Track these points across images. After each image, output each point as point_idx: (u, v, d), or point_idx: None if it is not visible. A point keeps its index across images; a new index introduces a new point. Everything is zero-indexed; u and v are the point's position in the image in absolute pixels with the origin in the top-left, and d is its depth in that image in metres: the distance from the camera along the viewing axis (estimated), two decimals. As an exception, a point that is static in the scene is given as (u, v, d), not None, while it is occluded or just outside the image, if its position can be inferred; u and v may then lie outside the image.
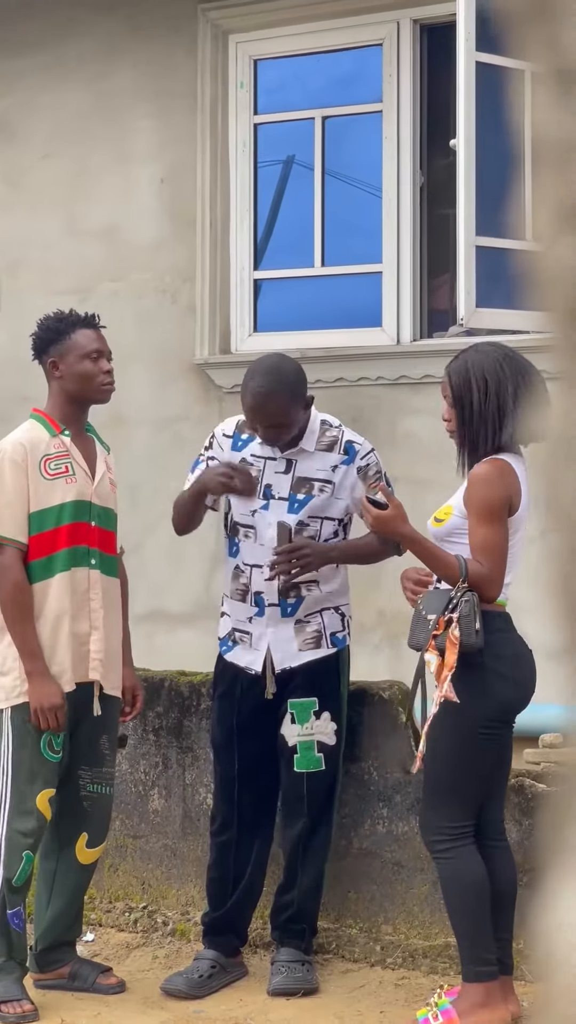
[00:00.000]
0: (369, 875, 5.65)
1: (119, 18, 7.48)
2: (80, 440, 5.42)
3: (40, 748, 5.23)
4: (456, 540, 4.87)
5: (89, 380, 5.39)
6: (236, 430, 5.57)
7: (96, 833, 5.45)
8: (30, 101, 7.69)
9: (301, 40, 7.28)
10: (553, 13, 0.66)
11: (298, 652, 5.41)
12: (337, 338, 6.88)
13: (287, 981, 5.37)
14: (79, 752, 5.37)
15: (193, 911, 5.88)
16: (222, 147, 7.38)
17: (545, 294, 0.69)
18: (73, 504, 5.32)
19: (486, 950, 4.87)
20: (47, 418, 5.40)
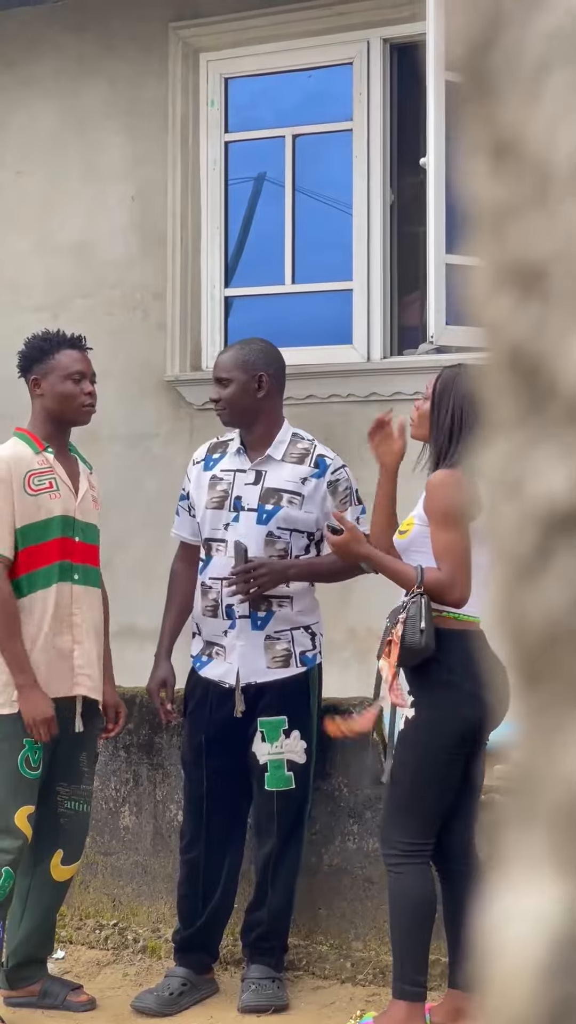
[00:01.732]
0: (340, 891, 5.65)
1: (90, 37, 7.48)
2: (63, 458, 5.45)
3: (18, 765, 5.22)
4: (420, 550, 4.90)
5: (69, 401, 5.41)
6: (208, 452, 5.65)
7: (71, 850, 5.44)
8: (2, 119, 7.68)
9: (272, 59, 7.29)
10: (489, 90, 0.69)
11: (266, 669, 5.43)
12: (307, 355, 6.88)
13: (258, 998, 5.37)
14: (58, 769, 5.36)
15: (164, 928, 5.87)
16: (193, 165, 7.38)
17: (483, 349, 0.71)
18: (58, 519, 5.33)
19: (417, 970, 4.89)
20: (30, 436, 5.42)
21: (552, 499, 0.68)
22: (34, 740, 5.21)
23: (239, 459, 5.54)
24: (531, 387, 0.70)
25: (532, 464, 0.69)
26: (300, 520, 5.45)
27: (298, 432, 5.61)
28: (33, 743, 5.23)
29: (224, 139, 7.41)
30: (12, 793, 5.22)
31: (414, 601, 4.81)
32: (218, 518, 5.49)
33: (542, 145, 0.70)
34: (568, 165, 0.69)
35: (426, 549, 4.89)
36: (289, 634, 5.45)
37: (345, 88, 7.16)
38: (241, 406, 5.49)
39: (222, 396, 5.49)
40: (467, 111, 0.72)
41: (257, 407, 5.50)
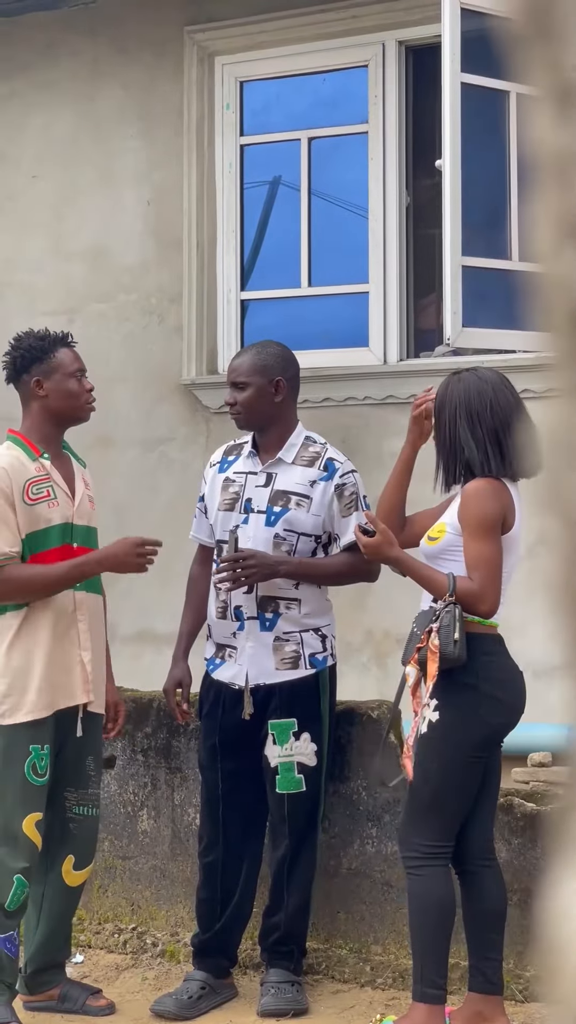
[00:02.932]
0: (359, 895, 5.64)
1: (106, 41, 7.50)
2: (58, 461, 5.41)
3: (25, 772, 5.21)
4: (450, 558, 4.89)
5: (75, 398, 5.39)
6: (224, 454, 5.65)
7: (82, 855, 5.44)
8: (18, 123, 7.71)
9: (287, 62, 7.31)
10: (554, 33, 0.67)
11: (274, 671, 5.42)
12: (324, 358, 6.89)
13: (277, 1002, 5.36)
14: (64, 774, 5.35)
15: (183, 932, 5.87)
16: (208, 168, 7.40)
17: (546, 310, 0.68)
18: (56, 528, 5.31)
19: (437, 973, 4.88)
20: (26, 441, 5.36)
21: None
22: (40, 746, 5.21)
23: (251, 462, 5.54)
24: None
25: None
26: (306, 523, 5.45)
27: (311, 435, 5.61)
28: (39, 749, 5.22)
29: (239, 142, 7.43)
30: (20, 801, 5.22)
31: (448, 611, 4.79)
32: (229, 520, 5.49)
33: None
34: None
35: (456, 557, 4.88)
36: (298, 636, 5.44)
37: (360, 91, 7.17)
38: (257, 410, 5.49)
39: (238, 400, 5.49)
40: (531, 57, 0.69)
41: (273, 411, 5.51)
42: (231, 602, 5.44)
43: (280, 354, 5.55)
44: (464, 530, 4.85)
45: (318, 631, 5.48)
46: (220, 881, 5.52)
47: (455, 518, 4.90)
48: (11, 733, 5.22)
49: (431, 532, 5.00)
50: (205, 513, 5.63)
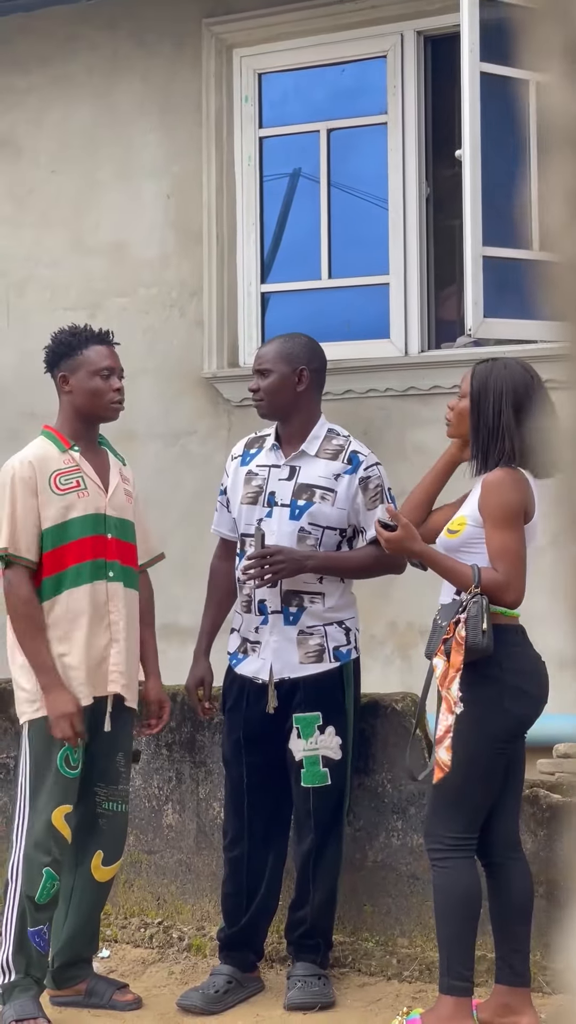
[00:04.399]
0: (385, 888, 5.65)
1: (124, 34, 7.52)
2: (91, 454, 5.42)
3: (58, 764, 5.23)
4: (472, 550, 4.88)
5: (98, 397, 5.38)
6: (245, 447, 5.66)
7: (112, 851, 5.45)
8: (36, 117, 7.73)
9: (305, 53, 7.32)
10: None
11: (299, 664, 5.42)
12: (345, 350, 6.89)
13: (303, 995, 5.37)
14: (95, 768, 5.37)
15: (208, 926, 5.89)
16: (228, 161, 7.41)
17: (556, 289, 0.65)
18: (86, 518, 5.32)
19: (463, 965, 4.88)
20: (57, 434, 5.40)
21: None
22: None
23: (274, 454, 5.55)
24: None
25: None
26: (331, 516, 5.45)
27: (334, 428, 5.61)
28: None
29: (258, 135, 7.44)
30: (51, 793, 5.24)
31: (475, 602, 4.79)
32: (252, 513, 5.49)
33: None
34: None
35: (478, 549, 4.88)
36: (322, 629, 5.45)
37: (379, 81, 7.18)
38: (280, 398, 5.49)
39: (261, 387, 5.50)
40: (539, 14, 0.66)
41: (295, 401, 5.51)
42: (255, 596, 5.45)
43: (307, 345, 5.57)
44: (486, 521, 4.85)
45: (342, 624, 5.49)
46: (245, 875, 5.53)
47: (475, 510, 4.89)
48: (45, 725, 5.24)
49: (451, 525, 5.00)
50: (227, 507, 5.64)
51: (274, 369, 5.48)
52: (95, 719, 5.33)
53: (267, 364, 5.50)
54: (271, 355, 5.52)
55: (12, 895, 5.26)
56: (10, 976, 5.25)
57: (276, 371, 5.47)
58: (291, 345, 5.55)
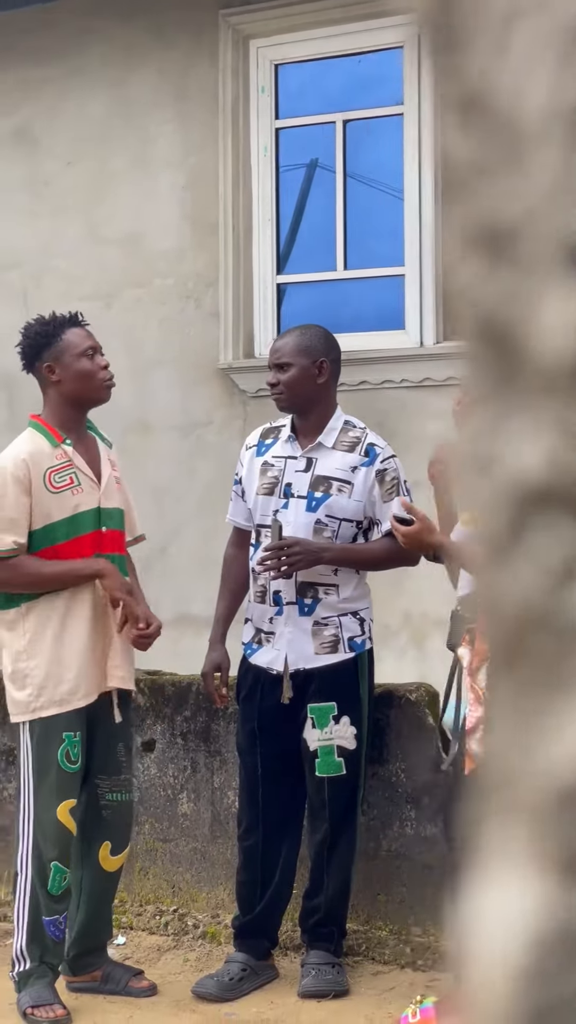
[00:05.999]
0: (398, 877, 5.69)
1: (140, 25, 7.54)
2: (82, 445, 5.38)
3: (59, 760, 5.27)
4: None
5: (89, 378, 5.34)
6: (260, 437, 5.68)
7: (118, 841, 5.49)
8: (52, 109, 7.76)
9: (322, 44, 7.33)
10: (456, 41, 0.68)
11: (314, 655, 5.46)
12: (360, 341, 6.93)
13: (317, 983, 5.41)
14: (96, 762, 5.40)
15: (223, 914, 5.93)
16: (244, 152, 7.44)
17: (456, 319, 0.70)
18: (81, 515, 5.31)
19: None
20: (47, 427, 5.33)
21: (525, 475, 0.66)
22: (72, 733, 5.26)
23: (290, 446, 5.57)
24: (503, 357, 0.67)
25: (505, 438, 0.67)
26: (348, 508, 5.48)
27: (350, 419, 5.64)
28: (72, 736, 5.28)
29: (275, 126, 7.47)
30: (54, 789, 5.27)
31: None
32: (268, 504, 5.52)
33: (511, 99, 0.68)
34: (537, 120, 0.67)
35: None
36: (337, 620, 5.48)
37: (395, 72, 7.19)
38: (300, 392, 5.52)
39: (281, 380, 5.51)
40: (435, 63, 0.71)
41: (315, 393, 5.54)
42: (270, 587, 5.49)
43: (323, 336, 5.59)
44: None
45: (356, 615, 5.52)
46: (260, 864, 5.57)
47: None
48: (45, 722, 5.28)
49: (465, 517, 5.04)
50: (242, 496, 5.67)
51: (294, 362, 5.50)
52: (93, 713, 5.36)
53: (286, 358, 5.51)
54: (290, 348, 5.53)
55: (23, 887, 5.30)
56: (25, 964, 5.31)
57: (296, 364, 5.49)
58: (308, 337, 5.57)
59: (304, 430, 5.58)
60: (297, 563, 5.37)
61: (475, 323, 0.69)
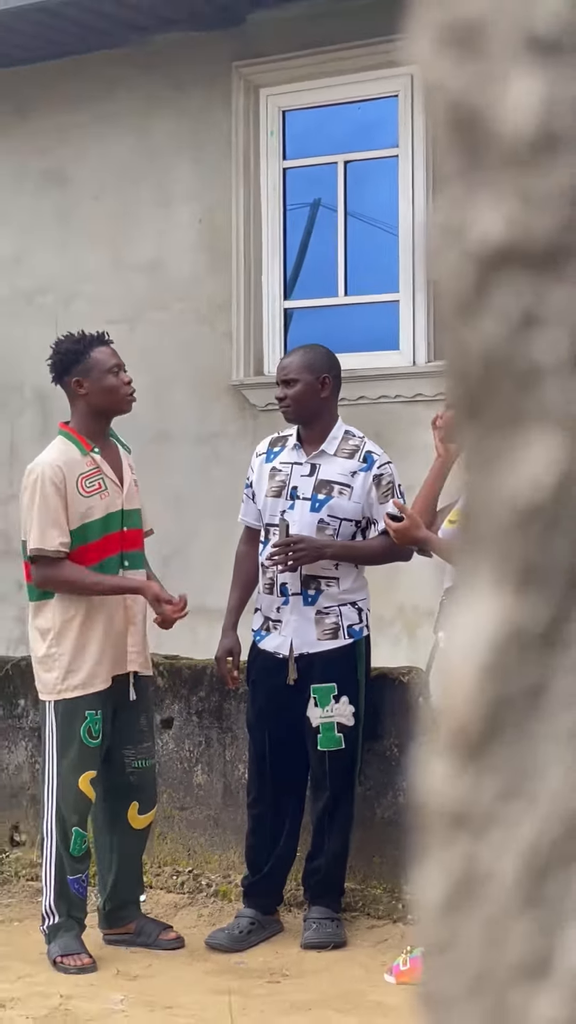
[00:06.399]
0: (392, 841, 5.73)
1: (160, 75, 7.57)
2: (106, 452, 5.46)
3: (82, 735, 5.34)
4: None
5: (114, 392, 5.41)
6: (269, 446, 5.75)
7: (145, 801, 5.56)
8: (82, 151, 7.79)
9: (325, 92, 7.34)
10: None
11: (316, 641, 5.51)
12: (359, 360, 6.96)
13: (318, 936, 5.47)
14: (121, 735, 5.46)
15: (234, 874, 5.97)
16: (254, 189, 7.45)
17: (431, 111, 0.75)
18: (107, 517, 5.39)
19: None
20: (76, 436, 5.40)
21: (488, 239, 0.68)
22: (94, 712, 5.33)
23: (296, 453, 5.64)
24: (470, 140, 0.70)
25: (471, 211, 0.69)
26: (348, 509, 5.55)
27: (350, 429, 5.71)
28: (94, 714, 5.35)
29: (282, 166, 7.47)
30: (76, 761, 5.33)
31: None
32: (276, 505, 5.59)
33: None
34: None
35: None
36: (337, 609, 5.54)
37: (391, 118, 7.19)
38: (306, 405, 5.58)
39: (288, 395, 5.57)
40: None
41: (319, 406, 5.60)
42: (277, 579, 5.56)
43: (325, 354, 5.64)
44: None
45: (355, 605, 5.58)
46: (267, 829, 5.63)
47: None
48: (69, 702, 5.35)
49: (451, 517, 5.10)
50: (252, 499, 5.74)
51: (300, 378, 5.55)
52: (117, 692, 5.43)
53: (293, 374, 5.57)
54: (296, 366, 5.59)
55: (49, 851, 5.37)
56: (54, 919, 5.38)
57: (302, 380, 5.55)
58: (313, 356, 5.62)
59: (309, 439, 5.64)
60: (302, 558, 5.44)
61: (446, 112, 0.72)
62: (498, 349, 0.67)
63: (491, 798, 0.66)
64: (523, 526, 0.66)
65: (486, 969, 0.64)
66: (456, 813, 0.67)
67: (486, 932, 0.65)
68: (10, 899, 6.23)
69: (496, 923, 0.64)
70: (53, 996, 5.00)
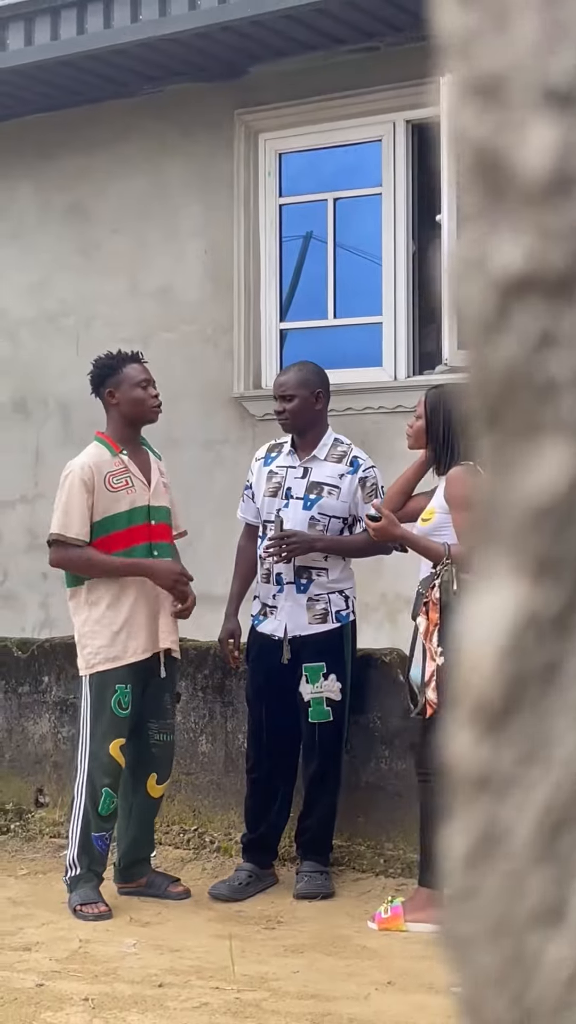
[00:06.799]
0: (375, 804, 5.74)
1: (170, 122, 7.57)
2: (136, 456, 5.50)
3: (112, 706, 5.35)
4: (442, 533, 4.98)
5: (141, 404, 5.47)
6: (267, 451, 5.75)
7: (163, 772, 5.57)
8: (101, 189, 7.79)
9: (317, 137, 7.34)
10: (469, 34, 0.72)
11: (308, 625, 5.52)
12: (346, 376, 6.96)
13: (309, 887, 5.47)
14: (148, 709, 5.47)
15: (234, 832, 5.97)
16: (254, 224, 7.46)
17: (453, 153, 0.74)
18: (134, 510, 5.42)
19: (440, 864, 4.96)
20: (108, 440, 5.47)
21: (509, 268, 0.69)
22: (124, 685, 5.34)
23: (291, 458, 5.65)
24: (492, 180, 0.70)
25: (493, 244, 0.69)
26: (336, 507, 5.56)
27: (339, 437, 5.72)
28: (124, 688, 5.35)
29: (278, 203, 7.47)
30: (108, 729, 5.34)
31: (446, 569, 4.89)
32: (272, 504, 5.60)
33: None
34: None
35: (446, 531, 4.98)
36: (327, 596, 5.55)
37: (376, 160, 7.19)
38: (302, 417, 5.59)
39: (287, 409, 5.58)
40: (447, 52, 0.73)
41: (314, 417, 5.62)
42: (273, 570, 5.57)
43: (317, 371, 5.65)
44: (452, 508, 4.95)
45: (342, 592, 5.60)
46: (263, 792, 5.63)
47: (442, 501, 5.00)
48: (102, 676, 5.36)
49: (424, 515, 5.11)
50: (251, 498, 5.75)
51: (297, 394, 5.56)
52: (147, 669, 5.44)
53: (290, 391, 5.57)
54: (293, 383, 5.59)
55: (78, 809, 5.38)
56: (76, 871, 5.38)
57: (299, 396, 5.56)
58: (306, 373, 5.63)
59: (302, 446, 5.66)
60: (295, 551, 5.45)
61: (471, 156, 0.71)
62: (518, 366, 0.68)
63: (510, 764, 0.66)
64: (538, 523, 0.67)
65: (505, 916, 0.64)
66: (479, 777, 0.68)
67: (505, 883, 0.65)
68: (35, 854, 6.23)
69: (514, 875, 0.65)
70: (73, 940, 5.00)
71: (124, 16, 6.91)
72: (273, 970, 4.59)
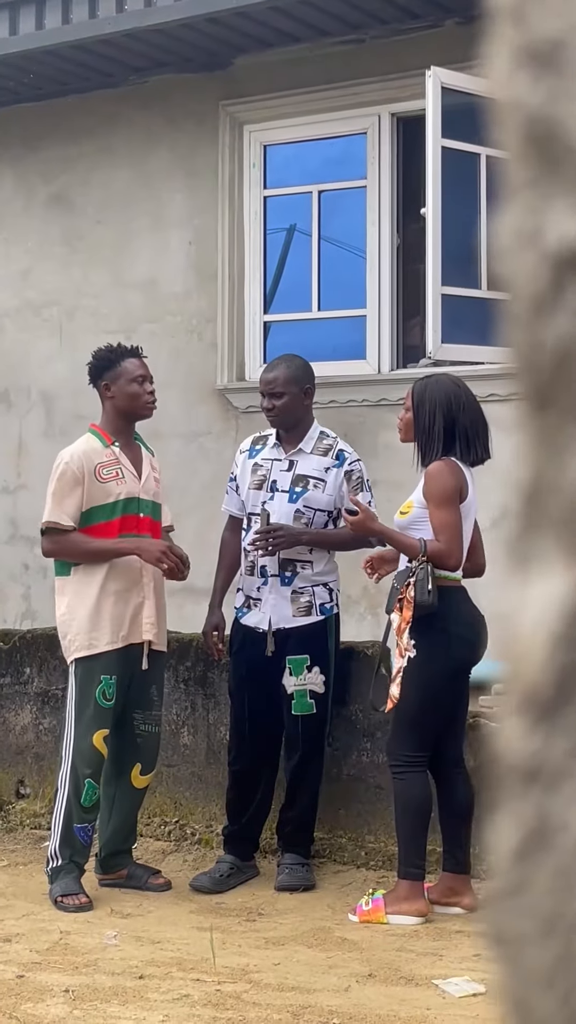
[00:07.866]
0: (356, 796, 5.74)
1: (156, 112, 7.56)
2: (128, 449, 5.50)
3: (97, 697, 5.32)
4: (418, 527, 4.98)
5: (136, 399, 5.46)
6: (252, 444, 5.73)
7: (147, 763, 5.55)
8: (84, 179, 7.78)
9: (301, 129, 7.34)
10: None
11: (292, 617, 5.51)
12: (330, 368, 6.95)
13: (290, 879, 5.46)
14: (133, 700, 5.45)
15: (215, 824, 5.96)
16: (238, 215, 7.45)
17: (501, 124, 0.70)
18: (124, 501, 5.41)
19: (418, 856, 4.98)
20: (101, 432, 5.47)
21: (565, 242, 0.66)
22: (109, 676, 5.32)
23: (276, 450, 5.63)
24: (547, 151, 0.66)
25: (548, 216, 0.66)
26: (322, 500, 5.55)
27: (324, 430, 5.70)
28: (108, 679, 5.33)
29: (263, 195, 7.46)
30: (91, 719, 5.32)
31: (421, 567, 4.88)
32: (258, 497, 5.58)
33: None
34: None
35: (423, 527, 4.97)
36: (311, 589, 5.54)
37: (360, 153, 7.20)
38: (292, 413, 5.58)
39: (276, 406, 5.55)
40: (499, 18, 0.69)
41: (302, 412, 5.61)
42: (258, 562, 5.55)
43: (304, 366, 5.62)
44: (429, 503, 4.94)
45: (326, 585, 5.58)
46: (245, 784, 5.62)
47: (420, 495, 4.99)
48: (87, 665, 5.33)
49: (402, 508, 5.10)
50: (236, 491, 5.72)
51: (287, 391, 5.53)
52: (132, 661, 5.41)
53: (280, 387, 5.53)
54: (282, 379, 5.54)
55: (61, 799, 5.35)
56: (57, 862, 5.35)
57: (288, 393, 5.53)
58: (295, 369, 5.58)
59: (288, 439, 5.64)
60: (280, 544, 5.44)
61: (522, 126, 0.67)
62: (572, 343, 0.65)
63: (561, 755, 0.64)
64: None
65: (557, 913, 0.61)
66: (529, 769, 0.65)
67: (557, 879, 0.62)
68: (16, 845, 6.20)
69: (566, 871, 0.62)
70: (54, 931, 4.97)
71: (109, 6, 6.88)
72: (254, 962, 4.57)
